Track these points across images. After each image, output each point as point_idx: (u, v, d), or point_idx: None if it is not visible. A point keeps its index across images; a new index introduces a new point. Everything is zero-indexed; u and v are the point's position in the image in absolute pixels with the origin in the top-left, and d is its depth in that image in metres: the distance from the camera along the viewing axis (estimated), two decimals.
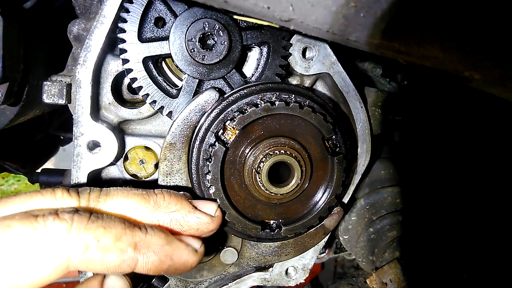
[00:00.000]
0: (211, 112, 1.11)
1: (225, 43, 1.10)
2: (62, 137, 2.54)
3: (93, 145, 1.11)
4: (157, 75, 1.15)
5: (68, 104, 1.12)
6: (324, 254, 1.94)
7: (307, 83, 1.28)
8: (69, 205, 0.89)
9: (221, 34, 1.09)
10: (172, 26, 1.09)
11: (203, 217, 1.01)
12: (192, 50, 1.09)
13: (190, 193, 1.11)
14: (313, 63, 1.22)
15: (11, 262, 0.77)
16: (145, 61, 1.11)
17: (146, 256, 0.87)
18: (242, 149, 1.12)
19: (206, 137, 1.10)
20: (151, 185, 1.24)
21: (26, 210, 0.84)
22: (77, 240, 0.81)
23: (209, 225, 1.02)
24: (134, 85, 1.12)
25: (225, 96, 1.13)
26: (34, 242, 0.78)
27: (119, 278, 0.97)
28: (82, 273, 1.13)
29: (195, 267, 0.99)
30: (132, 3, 1.06)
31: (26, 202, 0.86)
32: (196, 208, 1.02)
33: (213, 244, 1.27)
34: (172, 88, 1.16)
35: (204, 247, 1.00)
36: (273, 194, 1.13)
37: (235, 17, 1.09)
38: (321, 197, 1.21)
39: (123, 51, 1.09)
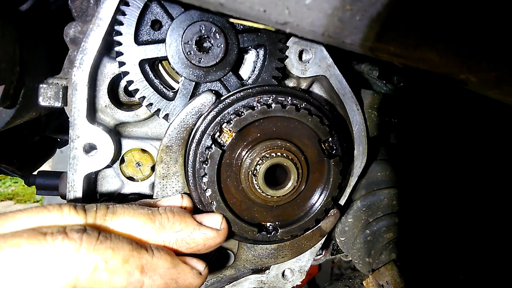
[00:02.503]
0: (208, 114, 1.11)
1: (222, 45, 1.10)
2: (59, 140, 2.53)
3: (90, 148, 1.11)
4: (153, 77, 1.15)
5: (65, 107, 1.12)
6: (321, 256, 1.93)
7: (303, 85, 1.28)
8: (76, 222, 0.88)
9: (218, 37, 1.10)
10: (168, 29, 1.09)
11: (208, 232, 1.02)
12: (188, 53, 1.09)
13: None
14: (309, 65, 1.22)
15: (19, 281, 0.76)
16: (142, 63, 1.11)
17: (152, 280, 0.88)
18: (238, 151, 1.12)
19: (203, 139, 1.10)
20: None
21: (34, 227, 0.83)
22: (86, 261, 0.80)
23: (216, 239, 1.03)
24: (131, 88, 1.12)
25: (222, 98, 1.13)
26: (42, 261, 0.78)
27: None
28: None
29: None
30: (129, 6, 1.06)
31: (32, 218, 0.85)
32: (200, 223, 1.02)
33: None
34: (169, 91, 1.16)
35: (208, 269, 1.01)
36: (269, 196, 1.13)
37: (232, 20, 1.09)
38: (317, 199, 1.21)
39: (120, 53, 1.09)
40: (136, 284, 0.86)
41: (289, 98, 1.12)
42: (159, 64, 1.19)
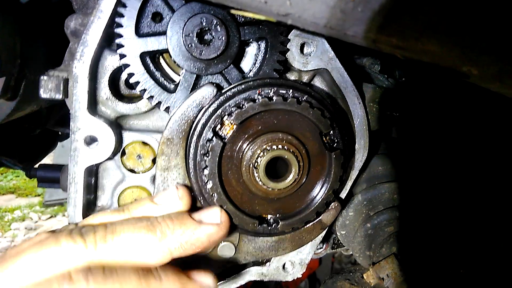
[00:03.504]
0: (209, 107, 1.11)
1: (223, 38, 1.10)
2: (60, 133, 2.54)
3: (90, 140, 1.11)
4: (154, 70, 1.14)
5: (65, 99, 1.12)
6: (322, 249, 1.94)
7: (305, 78, 1.28)
8: (76, 252, 0.87)
9: (219, 29, 1.09)
10: (169, 21, 1.08)
11: (210, 228, 1.03)
12: (189, 45, 1.09)
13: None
14: (311, 58, 1.22)
15: None
16: (143, 56, 1.10)
17: None
18: (239, 144, 1.12)
19: (204, 132, 1.10)
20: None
21: (37, 282, 0.82)
22: None
23: (219, 233, 1.04)
24: (132, 80, 1.12)
25: (223, 91, 1.13)
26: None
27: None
28: None
29: None
30: None
31: (32, 259, 0.84)
32: (200, 221, 1.03)
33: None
34: (170, 83, 1.16)
35: (216, 281, 1.03)
36: (270, 189, 1.13)
37: (233, 11, 1.09)
38: (318, 192, 1.22)
39: (121, 46, 1.08)
40: None
41: (291, 91, 1.12)
42: (160, 57, 1.18)
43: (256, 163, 1.10)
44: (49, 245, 0.87)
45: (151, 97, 1.13)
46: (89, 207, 1.21)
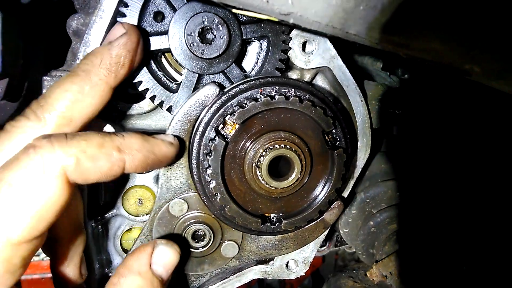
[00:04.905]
0: (211, 106, 1.11)
1: (225, 37, 1.10)
2: None
3: None
4: (156, 69, 1.14)
5: None
6: (325, 247, 1.94)
7: (307, 77, 1.28)
8: (25, 125, 0.89)
9: (220, 28, 1.09)
10: (171, 20, 1.08)
11: (121, 39, 0.99)
12: (191, 45, 1.09)
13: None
14: (313, 57, 1.22)
15: (19, 203, 0.79)
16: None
17: (131, 155, 0.92)
18: (242, 143, 1.12)
19: (206, 131, 1.10)
20: None
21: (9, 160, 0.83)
22: (65, 155, 0.82)
23: (131, 38, 1.00)
24: (134, 80, 1.12)
25: (225, 90, 1.13)
26: (28, 174, 0.79)
27: (169, 247, 1.05)
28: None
29: (174, 158, 1.08)
30: None
31: None
32: (109, 42, 0.99)
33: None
34: (172, 83, 1.16)
35: (177, 140, 1.08)
36: (273, 188, 1.13)
37: (234, 11, 1.09)
38: (321, 191, 1.22)
39: None
40: (118, 162, 0.90)
41: (293, 89, 1.12)
42: (162, 56, 1.19)
43: (258, 162, 1.10)
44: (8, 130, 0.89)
45: (154, 96, 1.13)
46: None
